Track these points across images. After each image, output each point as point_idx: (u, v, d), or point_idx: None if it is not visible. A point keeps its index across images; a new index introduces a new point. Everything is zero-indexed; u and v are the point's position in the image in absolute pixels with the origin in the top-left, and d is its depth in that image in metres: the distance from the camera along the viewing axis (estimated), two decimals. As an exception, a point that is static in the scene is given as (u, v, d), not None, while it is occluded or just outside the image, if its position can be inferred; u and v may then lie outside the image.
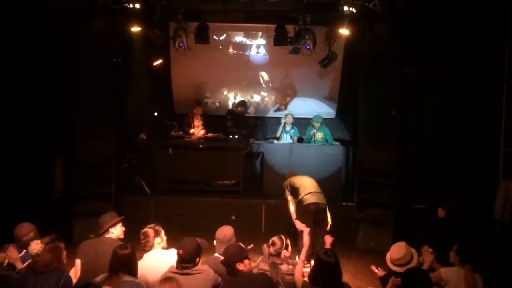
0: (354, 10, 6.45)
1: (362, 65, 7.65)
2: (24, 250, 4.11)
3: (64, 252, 3.83)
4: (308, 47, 7.86)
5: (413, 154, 7.98)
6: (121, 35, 7.52)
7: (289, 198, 6.02)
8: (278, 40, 7.99)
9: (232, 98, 9.56)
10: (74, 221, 6.80)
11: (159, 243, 4.14)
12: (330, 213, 5.93)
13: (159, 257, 3.97)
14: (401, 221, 6.99)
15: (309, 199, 5.72)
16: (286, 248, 4.28)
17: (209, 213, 7.43)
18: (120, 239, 4.21)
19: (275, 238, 4.26)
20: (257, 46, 9.29)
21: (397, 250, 4.03)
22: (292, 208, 5.96)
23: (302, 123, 8.98)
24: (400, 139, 7.43)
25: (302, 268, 3.97)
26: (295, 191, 5.93)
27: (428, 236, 4.96)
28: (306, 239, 4.47)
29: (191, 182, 8.17)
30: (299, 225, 5.61)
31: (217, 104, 9.63)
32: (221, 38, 9.08)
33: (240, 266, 3.57)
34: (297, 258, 4.75)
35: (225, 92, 9.61)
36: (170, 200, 7.80)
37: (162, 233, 4.20)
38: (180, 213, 7.57)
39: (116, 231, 4.27)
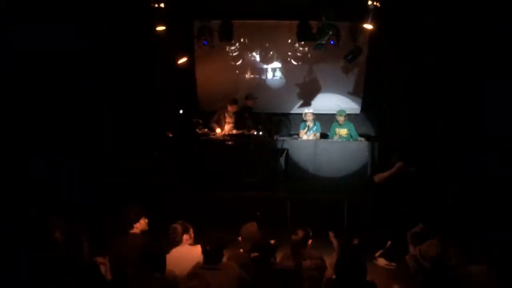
0: (378, 4, 6.38)
1: (387, 59, 7.58)
2: None
3: None
4: (332, 42, 7.83)
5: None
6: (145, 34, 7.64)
7: None
8: (302, 36, 7.98)
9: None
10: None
11: (187, 240, 4.22)
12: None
13: (187, 253, 4.05)
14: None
15: None
16: (308, 238, 4.30)
17: (234, 209, 7.49)
18: (145, 231, 4.32)
19: (298, 229, 4.31)
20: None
21: None
22: None
23: (326, 119, 8.95)
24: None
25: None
26: None
27: None
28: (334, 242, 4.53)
29: (216, 178, 8.23)
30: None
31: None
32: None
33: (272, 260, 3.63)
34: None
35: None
36: (197, 195, 7.87)
37: (191, 230, 4.29)
38: (204, 209, 7.65)
39: (141, 226, 4.37)
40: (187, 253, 4.05)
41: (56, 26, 6.26)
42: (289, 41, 8.99)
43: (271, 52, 9.25)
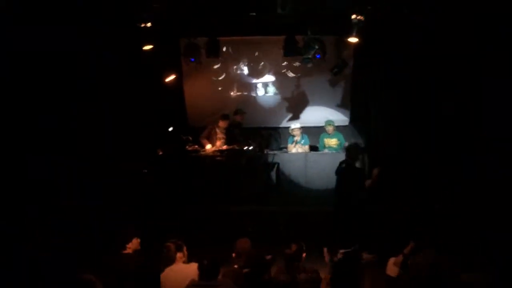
0: (362, 18, 6.50)
1: (373, 71, 7.69)
2: None
3: None
4: (318, 56, 7.92)
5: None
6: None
7: None
8: (288, 50, 8.08)
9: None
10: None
11: (180, 258, 4.20)
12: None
13: (181, 271, 4.03)
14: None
15: None
16: (302, 251, 4.31)
17: (226, 224, 7.47)
18: (138, 251, 4.30)
19: (292, 243, 4.31)
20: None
21: None
22: None
23: (315, 131, 9.02)
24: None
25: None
26: None
27: None
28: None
29: (208, 194, 8.21)
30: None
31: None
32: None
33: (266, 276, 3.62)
34: None
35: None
36: (189, 211, 7.83)
37: (184, 248, 4.27)
38: (196, 225, 7.61)
39: (133, 245, 4.35)
40: (181, 271, 4.03)
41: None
42: (276, 56, 9.08)
43: (260, 66, 9.34)
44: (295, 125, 8.75)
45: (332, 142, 8.46)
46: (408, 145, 7.90)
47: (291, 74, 9.26)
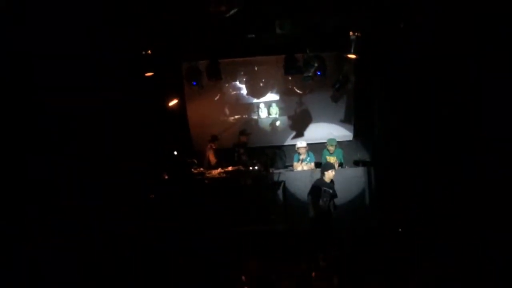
0: (359, 34, 6.56)
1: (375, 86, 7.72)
2: None
3: None
4: (318, 73, 7.98)
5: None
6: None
7: None
8: (288, 69, 8.14)
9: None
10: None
11: None
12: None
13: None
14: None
15: None
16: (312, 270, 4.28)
17: (235, 246, 7.41)
18: None
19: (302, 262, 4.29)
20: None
21: None
22: None
23: (321, 148, 9.01)
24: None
25: None
26: None
27: None
28: None
29: (215, 216, 8.18)
30: None
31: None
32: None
33: None
34: None
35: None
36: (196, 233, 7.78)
37: None
38: (205, 247, 7.56)
39: None
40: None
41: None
42: (277, 75, 9.16)
43: (262, 86, 9.41)
44: (301, 143, 8.75)
45: (333, 160, 8.45)
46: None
47: (296, 90, 9.32)
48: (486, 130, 6.36)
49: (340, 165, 8.50)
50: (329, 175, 6.91)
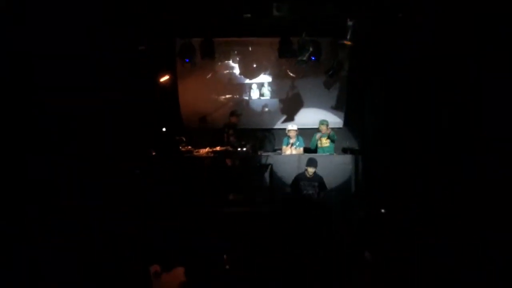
0: (356, 22, 6.51)
1: (368, 73, 7.71)
2: None
3: None
4: (313, 58, 7.93)
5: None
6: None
7: None
8: (283, 52, 8.08)
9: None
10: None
11: None
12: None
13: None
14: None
15: None
16: None
17: (219, 227, 7.44)
18: None
19: None
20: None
21: None
22: None
23: (310, 133, 9.01)
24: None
25: None
26: None
27: None
28: None
29: (201, 195, 8.19)
30: None
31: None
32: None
33: None
34: None
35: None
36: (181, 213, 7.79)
37: None
38: (190, 226, 7.58)
39: None
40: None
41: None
42: (271, 57, 9.08)
43: (255, 67, 9.33)
44: (292, 126, 8.73)
45: (325, 142, 8.45)
46: (408, 146, 7.89)
47: (290, 73, 9.26)
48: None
49: (333, 141, 8.54)
50: (309, 171, 7.32)
